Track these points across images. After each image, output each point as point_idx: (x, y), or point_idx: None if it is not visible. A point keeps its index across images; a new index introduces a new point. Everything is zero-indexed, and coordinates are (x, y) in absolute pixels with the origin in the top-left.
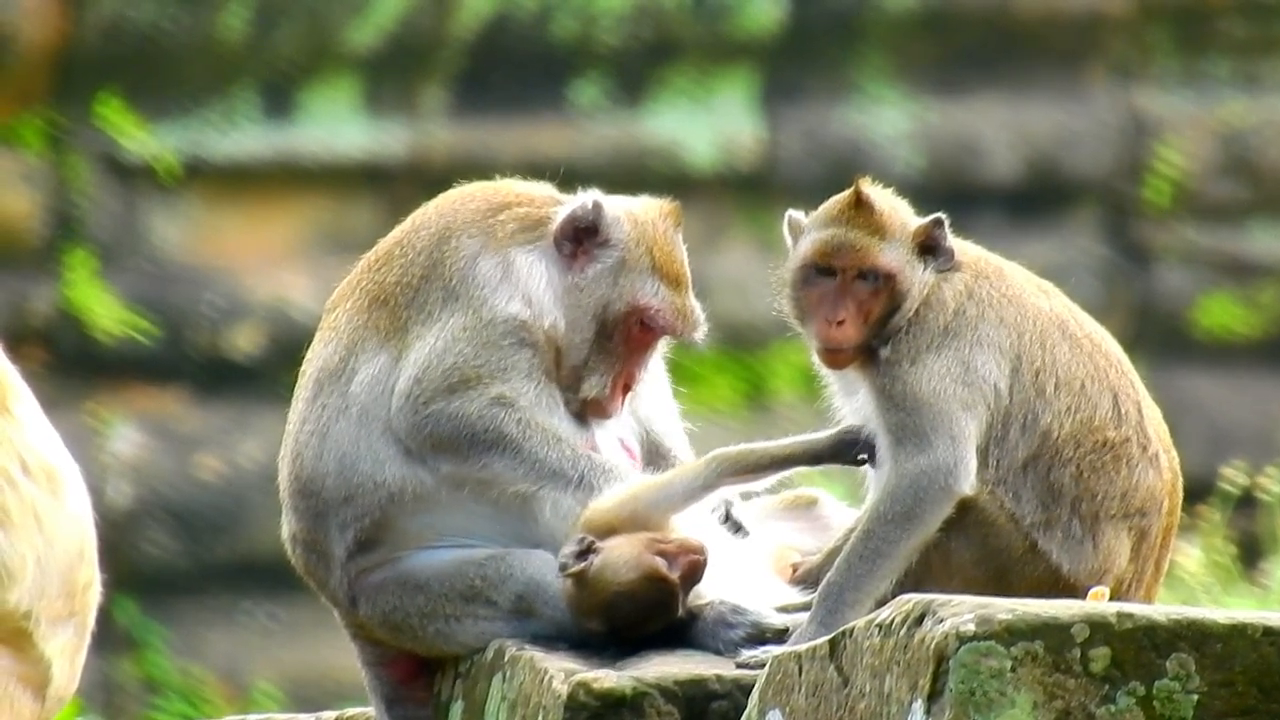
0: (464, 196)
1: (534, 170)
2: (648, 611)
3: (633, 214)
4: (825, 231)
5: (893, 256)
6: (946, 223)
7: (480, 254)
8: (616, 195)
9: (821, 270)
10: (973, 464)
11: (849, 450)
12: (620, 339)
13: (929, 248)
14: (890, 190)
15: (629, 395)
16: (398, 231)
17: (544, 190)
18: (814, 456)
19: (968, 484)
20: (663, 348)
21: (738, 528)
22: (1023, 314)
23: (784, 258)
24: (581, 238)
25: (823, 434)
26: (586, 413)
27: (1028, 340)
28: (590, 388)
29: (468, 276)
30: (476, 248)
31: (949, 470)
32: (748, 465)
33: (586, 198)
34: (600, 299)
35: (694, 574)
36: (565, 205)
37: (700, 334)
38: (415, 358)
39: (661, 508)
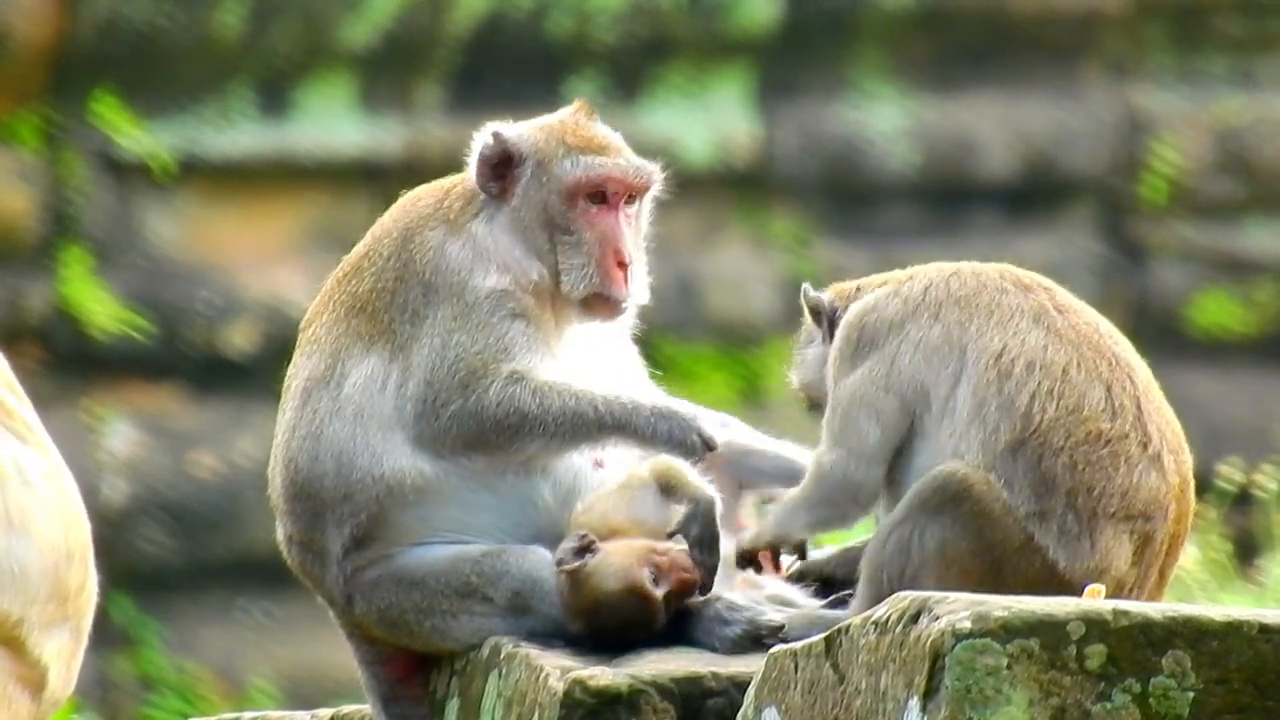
0: (413, 199)
1: None
2: (627, 624)
3: (538, 124)
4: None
5: (800, 375)
6: (807, 289)
7: (445, 241)
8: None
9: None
10: (871, 475)
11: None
12: (579, 224)
13: (820, 321)
14: (883, 189)
15: (630, 272)
16: (361, 246)
17: None
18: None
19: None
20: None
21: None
22: (966, 309)
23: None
24: (501, 172)
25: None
26: (598, 315)
27: (974, 331)
28: (574, 283)
29: (440, 266)
30: (440, 236)
31: (845, 478)
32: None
33: (485, 133)
34: (538, 204)
35: (684, 591)
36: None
37: (657, 179)
38: (419, 362)
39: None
